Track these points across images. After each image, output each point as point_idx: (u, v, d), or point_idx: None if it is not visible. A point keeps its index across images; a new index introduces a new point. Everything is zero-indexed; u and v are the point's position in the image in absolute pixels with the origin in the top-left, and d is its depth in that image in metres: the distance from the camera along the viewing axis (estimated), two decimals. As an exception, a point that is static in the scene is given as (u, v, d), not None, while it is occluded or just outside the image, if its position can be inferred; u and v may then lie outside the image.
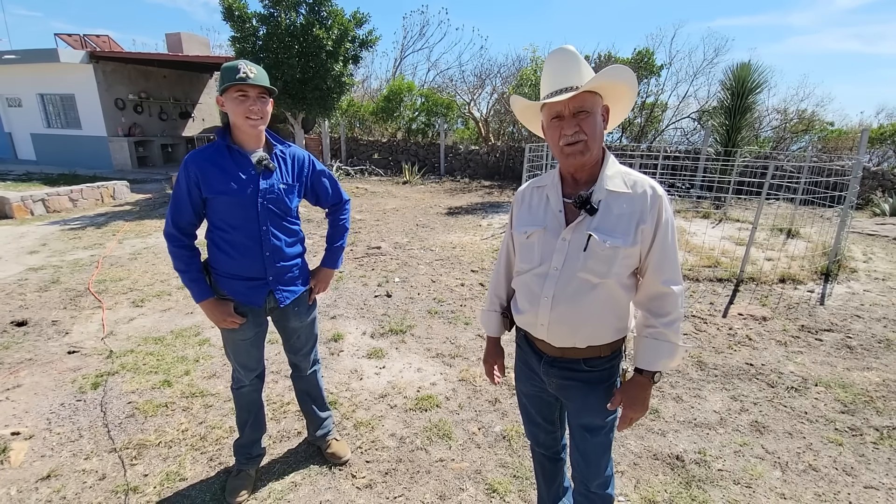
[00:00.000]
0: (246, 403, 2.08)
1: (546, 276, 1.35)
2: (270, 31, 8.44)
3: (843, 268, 5.28)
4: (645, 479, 2.23)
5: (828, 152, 12.36)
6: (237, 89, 1.66)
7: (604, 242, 1.27)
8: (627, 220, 1.28)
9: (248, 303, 1.87)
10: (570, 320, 1.34)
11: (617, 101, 1.35)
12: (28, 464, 2.25)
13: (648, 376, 1.34)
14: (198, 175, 1.73)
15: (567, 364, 1.42)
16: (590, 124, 1.27)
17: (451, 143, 14.69)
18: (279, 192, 1.82)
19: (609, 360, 1.42)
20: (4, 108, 14.24)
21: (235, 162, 1.77)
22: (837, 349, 3.55)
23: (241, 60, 1.69)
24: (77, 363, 3.16)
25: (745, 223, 7.49)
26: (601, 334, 1.36)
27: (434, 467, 2.29)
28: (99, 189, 8.78)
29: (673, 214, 1.32)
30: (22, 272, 4.89)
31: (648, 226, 1.27)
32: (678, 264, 1.32)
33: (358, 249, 5.94)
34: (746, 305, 4.32)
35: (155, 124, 14.10)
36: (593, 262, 1.29)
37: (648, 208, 1.27)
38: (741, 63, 9.53)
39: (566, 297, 1.33)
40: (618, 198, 1.29)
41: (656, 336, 1.31)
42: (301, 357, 2.15)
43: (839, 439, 2.53)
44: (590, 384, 1.42)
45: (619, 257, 1.28)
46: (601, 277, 1.30)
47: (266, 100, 1.74)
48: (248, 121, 1.70)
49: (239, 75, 1.65)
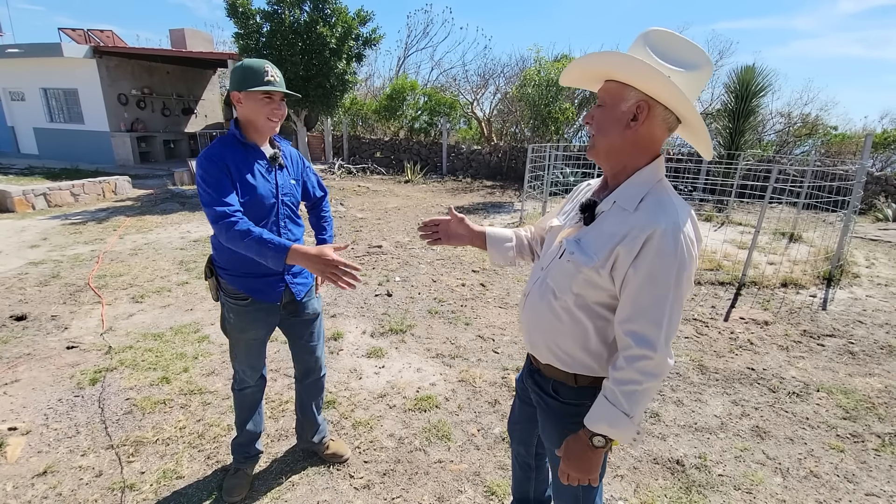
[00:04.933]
0: (248, 404, 2.07)
1: (535, 273, 1.33)
2: (274, 27, 8.44)
3: (846, 273, 5.26)
4: (645, 483, 2.22)
5: (831, 157, 12.33)
6: (263, 93, 1.70)
7: (570, 255, 1.15)
8: (608, 239, 1.10)
9: (266, 299, 1.87)
10: (529, 322, 1.31)
11: (662, 100, 1.09)
12: (25, 459, 2.24)
13: (587, 435, 1.14)
14: (226, 160, 1.71)
15: (541, 380, 1.35)
16: (599, 117, 1.14)
17: (453, 142, 14.67)
18: (291, 186, 1.89)
19: (578, 394, 1.25)
20: (7, 102, 14.25)
21: (253, 156, 1.79)
22: (839, 355, 3.53)
23: (265, 61, 1.72)
24: (76, 358, 3.15)
25: (747, 227, 7.47)
26: (559, 357, 1.24)
27: (433, 468, 2.28)
28: (101, 184, 8.78)
29: (685, 261, 1.04)
30: (22, 266, 4.88)
31: (625, 252, 1.06)
32: (658, 322, 1.05)
33: (359, 248, 5.92)
34: (748, 309, 4.30)
35: (158, 120, 14.09)
36: (558, 272, 1.20)
37: (635, 234, 1.05)
38: (745, 66, 9.50)
39: (532, 300, 1.29)
40: (618, 214, 1.12)
41: (605, 392, 1.12)
42: (313, 357, 2.13)
43: (841, 446, 2.51)
44: (552, 412, 1.32)
45: (579, 277, 1.14)
46: (561, 292, 1.18)
47: (283, 104, 1.81)
48: (270, 122, 1.76)
49: (268, 78, 1.69)
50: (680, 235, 1.04)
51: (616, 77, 1.12)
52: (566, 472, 1.22)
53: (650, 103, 1.08)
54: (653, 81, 1.05)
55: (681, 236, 1.04)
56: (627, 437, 1.11)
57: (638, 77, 1.07)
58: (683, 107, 1.07)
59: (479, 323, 3.91)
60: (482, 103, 15.89)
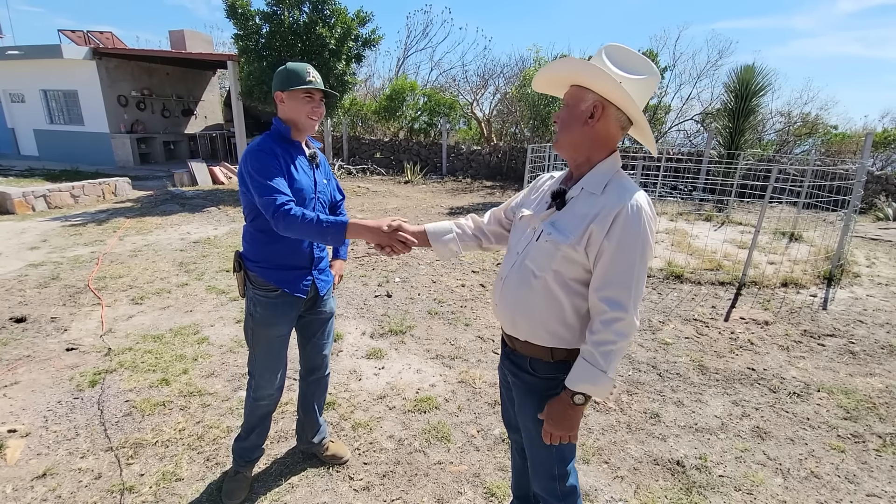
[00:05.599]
0: (260, 415, 2.07)
1: (511, 258, 1.43)
2: (273, 28, 8.44)
3: (846, 272, 5.26)
4: (645, 484, 2.21)
5: (831, 156, 12.32)
6: (305, 91, 1.79)
7: (547, 235, 1.30)
8: (581, 219, 1.26)
9: (295, 291, 1.91)
10: (508, 304, 1.39)
11: (614, 100, 1.26)
12: (24, 462, 2.24)
13: (568, 395, 1.28)
14: (276, 152, 1.77)
15: (517, 359, 1.45)
16: (562, 116, 1.32)
17: (453, 142, 14.67)
18: (324, 186, 1.98)
19: (554, 368, 1.37)
20: (7, 104, 14.24)
21: (297, 152, 1.87)
22: (840, 355, 3.52)
23: (307, 65, 1.83)
24: (75, 360, 3.15)
25: (747, 226, 7.46)
26: (539, 332, 1.35)
27: (432, 470, 2.27)
28: (100, 185, 8.78)
29: (648, 234, 1.21)
30: (22, 268, 4.88)
31: (598, 228, 1.21)
32: (628, 287, 1.21)
33: (359, 249, 5.92)
34: (748, 309, 4.29)
35: (157, 121, 14.08)
36: (537, 253, 1.33)
37: (606, 212, 1.22)
38: (745, 66, 9.51)
39: (511, 282, 1.39)
40: (587, 198, 1.28)
41: (584, 355, 1.25)
42: (321, 356, 2.17)
43: (841, 446, 2.50)
44: (530, 388, 1.42)
45: (558, 254, 1.28)
46: (541, 271, 1.31)
47: (324, 102, 1.89)
48: (310, 120, 1.84)
49: (309, 78, 1.79)
50: (642, 213, 1.22)
51: (577, 81, 1.29)
52: (549, 431, 1.33)
53: (604, 104, 1.25)
54: (607, 84, 1.22)
55: (643, 213, 1.22)
56: (605, 391, 1.26)
57: (595, 80, 1.24)
58: (632, 107, 1.23)
59: (479, 324, 3.90)
60: (482, 104, 15.91)
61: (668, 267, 5.22)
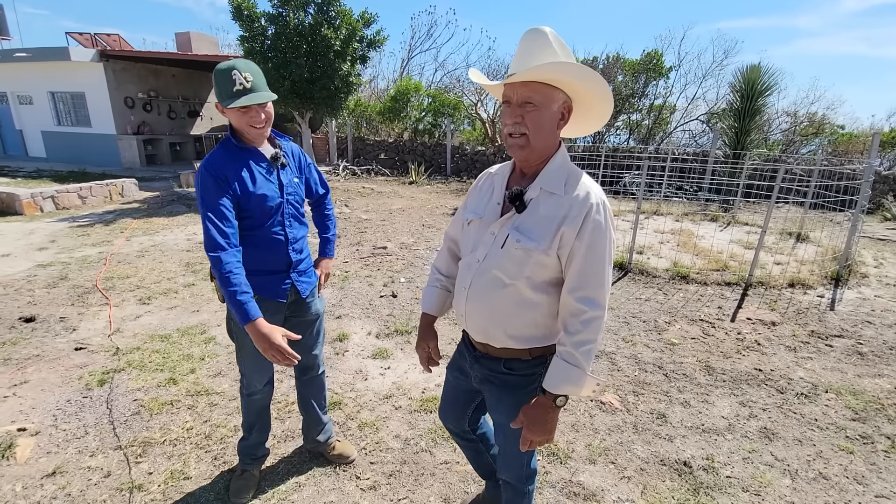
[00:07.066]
0: (256, 409, 2.07)
1: (470, 266, 1.37)
2: (279, 30, 8.47)
3: (854, 273, 5.22)
4: (652, 484, 2.21)
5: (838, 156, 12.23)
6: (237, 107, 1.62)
7: (517, 242, 1.24)
8: (548, 222, 1.22)
9: (273, 296, 1.87)
10: (480, 314, 1.35)
11: (589, 106, 1.25)
12: (34, 460, 2.26)
13: (550, 398, 1.25)
14: (227, 175, 1.68)
15: (490, 362, 1.42)
16: (534, 119, 1.20)
17: (457, 143, 14.68)
18: (295, 185, 1.88)
19: (531, 365, 1.37)
20: (16, 106, 14.38)
21: (255, 160, 1.77)
22: (848, 355, 3.50)
23: (234, 67, 1.60)
24: (84, 360, 3.17)
25: (753, 226, 7.42)
26: (514, 336, 1.33)
27: (439, 470, 2.28)
28: (108, 186, 8.84)
29: (611, 230, 1.23)
30: (31, 268, 4.93)
31: (570, 230, 1.19)
32: (603, 284, 1.22)
33: (364, 249, 5.94)
34: (755, 310, 4.27)
35: (164, 122, 14.18)
36: (506, 260, 1.27)
37: (575, 213, 1.19)
38: (751, 65, 9.48)
39: (478, 291, 1.33)
40: (549, 199, 1.24)
41: (564, 356, 1.23)
42: (313, 356, 2.14)
43: (850, 447, 2.49)
44: (506, 387, 1.41)
45: (530, 260, 1.24)
46: (511, 278, 1.27)
47: (265, 105, 1.70)
48: (254, 129, 1.70)
49: (237, 87, 1.60)
50: (607, 210, 1.22)
51: (583, 91, 1.20)
52: (529, 438, 1.29)
53: (569, 104, 1.24)
54: (598, 92, 1.19)
55: (607, 211, 1.22)
56: (588, 389, 1.24)
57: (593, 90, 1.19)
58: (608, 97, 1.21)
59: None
60: (486, 104, 15.89)
61: (673, 267, 5.20)
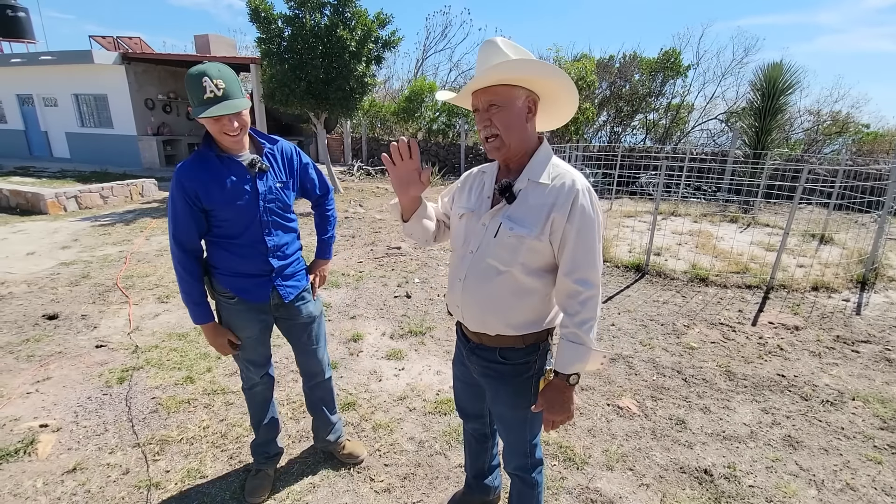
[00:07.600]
0: (259, 403, 2.07)
1: (464, 258, 1.42)
2: (295, 31, 8.53)
3: (881, 276, 5.06)
4: (671, 493, 2.16)
5: (863, 155, 11.90)
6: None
7: (509, 230, 1.30)
8: (538, 210, 1.28)
9: (253, 299, 1.85)
10: (476, 304, 1.39)
11: (555, 97, 1.33)
12: (55, 456, 2.30)
13: (563, 379, 1.33)
14: (195, 188, 1.66)
15: (485, 353, 1.46)
16: (501, 118, 1.27)
17: (471, 143, 14.64)
18: (277, 190, 1.81)
19: (526, 353, 1.42)
20: (41, 108, 14.77)
21: (229, 169, 1.71)
22: (875, 362, 3.39)
23: (205, 73, 1.53)
24: (104, 357, 3.22)
25: (774, 228, 7.25)
26: (510, 324, 1.38)
27: (453, 473, 2.26)
28: (128, 186, 9.02)
29: (598, 213, 1.29)
30: (54, 266, 5.04)
31: (560, 215, 1.26)
32: (595, 265, 1.29)
33: (378, 249, 5.95)
34: (777, 314, 4.16)
35: (183, 123, 14.43)
36: (500, 249, 1.33)
37: (563, 200, 1.26)
38: (772, 63, 9.27)
39: (474, 281, 1.38)
40: (536, 188, 1.31)
41: (570, 337, 1.30)
42: (314, 360, 2.10)
43: (878, 457, 2.40)
44: (503, 377, 1.46)
45: (523, 247, 1.30)
46: (506, 266, 1.33)
47: (240, 113, 1.63)
48: (227, 137, 1.64)
49: (207, 95, 1.54)
50: (592, 195, 1.29)
51: (542, 84, 1.27)
52: (551, 419, 1.36)
53: (534, 97, 1.30)
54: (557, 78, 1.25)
55: (592, 195, 1.29)
56: (596, 364, 1.31)
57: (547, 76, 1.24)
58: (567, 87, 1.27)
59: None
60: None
61: (692, 269, 5.11)
